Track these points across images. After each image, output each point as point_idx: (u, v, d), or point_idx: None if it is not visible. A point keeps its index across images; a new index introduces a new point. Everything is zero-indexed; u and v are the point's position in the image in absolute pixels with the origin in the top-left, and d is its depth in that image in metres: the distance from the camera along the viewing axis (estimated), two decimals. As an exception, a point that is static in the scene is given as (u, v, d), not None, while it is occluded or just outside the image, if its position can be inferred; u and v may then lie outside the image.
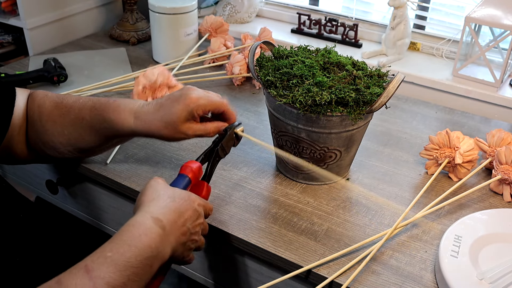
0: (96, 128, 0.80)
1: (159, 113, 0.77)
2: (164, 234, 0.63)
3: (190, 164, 0.75)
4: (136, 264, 0.59)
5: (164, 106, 0.77)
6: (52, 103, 0.82)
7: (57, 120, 0.81)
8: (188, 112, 0.76)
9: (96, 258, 0.59)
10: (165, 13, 1.25)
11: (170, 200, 0.67)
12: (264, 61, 0.87)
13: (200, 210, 0.71)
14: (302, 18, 1.45)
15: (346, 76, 0.82)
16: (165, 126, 0.77)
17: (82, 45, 1.45)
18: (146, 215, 0.64)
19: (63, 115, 0.81)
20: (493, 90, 1.18)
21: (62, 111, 0.81)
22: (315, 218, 0.82)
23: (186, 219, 0.67)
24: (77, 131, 0.81)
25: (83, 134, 0.81)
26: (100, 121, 0.79)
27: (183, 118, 0.76)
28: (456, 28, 1.30)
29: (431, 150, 0.92)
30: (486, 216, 0.80)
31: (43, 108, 0.82)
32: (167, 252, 0.64)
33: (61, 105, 0.82)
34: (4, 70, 1.27)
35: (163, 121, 0.77)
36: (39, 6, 1.36)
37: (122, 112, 0.78)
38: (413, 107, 1.17)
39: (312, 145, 0.83)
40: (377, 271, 0.73)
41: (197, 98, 0.77)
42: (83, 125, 0.80)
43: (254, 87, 1.23)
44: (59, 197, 1.10)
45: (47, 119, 0.81)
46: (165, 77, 1.00)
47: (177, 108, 0.76)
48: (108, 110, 0.79)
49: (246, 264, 0.84)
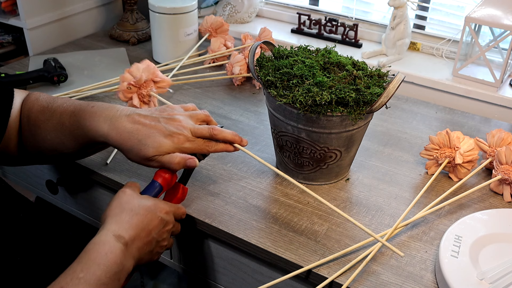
0: (73, 134, 0.78)
1: (138, 136, 0.74)
2: (126, 249, 0.67)
3: (162, 172, 0.76)
4: (106, 280, 0.64)
5: (147, 134, 0.74)
6: (39, 107, 0.81)
7: (41, 125, 0.79)
8: (168, 151, 0.74)
9: (70, 279, 0.62)
10: (165, 13, 1.25)
11: (133, 214, 0.69)
12: (264, 61, 0.87)
13: (168, 218, 0.73)
14: (302, 18, 1.45)
15: (346, 76, 0.82)
16: (138, 154, 0.74)
17: (82, 45, 1.45)
18: (109, 233, 0.67)
19: (47, 120, 0.79)
20: (493, 90, 1.18)
21: (46, 116, 0.79)
22: (315, 218, 0.82)
23: (151, 230, 0.70)
24: (58, 136, 0.79)
25: (63, 140, 0.79)
26: (77, 127, 0.77)
27: (161, 153, 0.74)
28: (456, 28, 1.30)
29: (431, 150, 0.92)
30: (486, 216, 0.80)
31: (31, 112, 0.81)
32: (131, 264, 0.68)
33: (46, 110, 0.80)
34: (4, 70, 1.27)
35: (139, 145, 0.74)
36: (39, 6, 1.36)
37: (98, 117, 0.75)
38: (413, 107, 1.17)
39: (312, 145, 0.83)
40: (377, 271, 0.73)
41: (185, 140, 0.75)
42: (63, 131, 0.78)
43: (254, 87, 1.23)
44: (59, 197, 1.10)
45: (33, 123, 0.80)
46: (150, 73, 1.00)
47: (161, 143, 0.73)
48: (85, 115, 0.76)
49: (246, 264, 0.84)
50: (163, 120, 0.76)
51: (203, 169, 0.93)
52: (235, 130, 1.04)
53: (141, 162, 0.75)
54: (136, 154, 0.74)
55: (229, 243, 0.81)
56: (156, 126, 0.75)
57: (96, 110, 0.76)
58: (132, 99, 0.99)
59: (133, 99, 0.99)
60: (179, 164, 0.74)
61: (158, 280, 1.35)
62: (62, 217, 1.19)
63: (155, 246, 0.72)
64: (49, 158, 0.85)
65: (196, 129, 0.77)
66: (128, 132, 0.74)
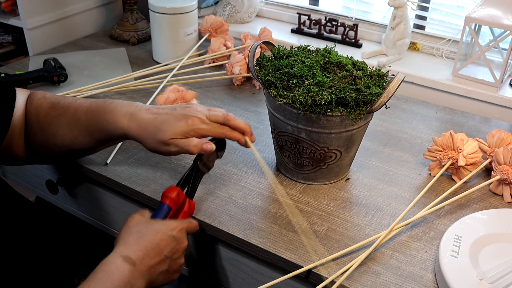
0: (90, 129, 0.79)
1: (155, 123, 0.76)
2: (134, 269, 0.69)
3: (168, 192, 0.77)
4: None
5: (163, 120, 0.76)
6: (49, 104, 0.82)
7: (53, 121, 0.81)
8: (184, 133, 0.76)
9: None
10: (165, 13, 1.25)
11: (140, 236, 0.71)
12: (264, 61, 0.87)
13: (180, 235, 0.75)
14: (302, 18, 1.45)
15: (346, 76, 0.82)
16: (155, 139, 0.76)
17: (82, 45, 1.45)
18: (116, 255, 0.69)
19: (59, 116, 0.80)
20: (493, 90, 1.18)
21: (58, 112, 0.81)
22: (315, 218, 0.82)
23: (162, 249, 0.72)
24: (71, 132, 0.80)
25: (77, 135, 0.80)
26: (95, 122, 0.79)
27: (177, 135, 0.76)
28: (456, 28, 1.30)
29: (434, 152, 0.92)
30: (486, 216, 0.80)
31: (40, 109, 0.81)
32: (142, 284, 0.70)
33: (58, 106, 0.81)
34: (4, 70, 1.27)
35: (156, 131, 0.76)
36: (39, 6, 1.36)
37: (118, 112, 0.78)
38: (413, 107, 1.17)
39: (312, 145, 0.83)
40: (377, 271, 0.73)
41: (200, 122, 0.77)
42: (78, 126, 0.80)
43: (254, 87, 1.23)
44: (59, 197, 1.10)
45: (43, 120, 0.81)
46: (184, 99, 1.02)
47: (176, 126, 0.75)
48: (104, 111, 0.78)
49: (246, 264, 0.84)
50: (179, 108, 0.78)
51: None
52: (235, 130, 1.05)
53: (159, 148, 0.77)
54: (154, 140, 0.76)
55: (229, 243, 0.81)
56: (171, 113, 0.77)
57: (116, 105, 0.79)
58: None
59: None
60: (196, 147, 0.76)
61: (158, 280, 1.35)
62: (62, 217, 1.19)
63: (171, 265, 0.73)
64: (57, 155, 0.85)
65: (210, 114, 0.78)
66: (146, 122, 0.76)
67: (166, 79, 1.17)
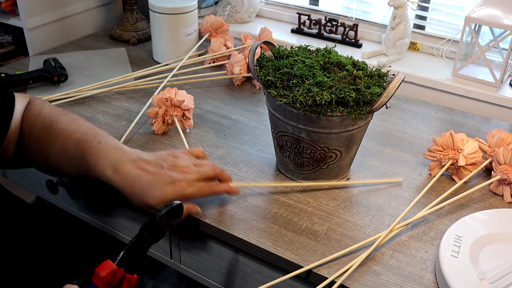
0: (76, 164, 0.77)
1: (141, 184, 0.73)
2: None
3: (100, 271, 0.63)
4: None
5: (150, 182, 0.73)
6: (42, 124, 0.78)
7: (43, 145, 0.78)
8: (171, 199, 0.72)
9: None
10: (165, 13, 1.25)
11: None
12: (264, 61, 0.87)
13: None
14: (302, 18, 1.45)
15: (346, 76, 0.82)
16: (141, 201, 0.73)
17: (82, 45, 1.45)
18: None
19: (50, 142, 0.77)
20: (493, 90, 1.18)
21: (50, 136, 0.77)
22: (315, 218, 0.82)
23: None
24: (59, 161, 0.78)
25: (64, 165, 0.78)
26: (81, 159, 0.76)
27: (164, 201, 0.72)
28: (456, 28, 1.30)
29: (434, 152, 0.92)
30: (486, 216, 0.80)
31: (33, 128, 0.79)
32: None
33: (50, 130, 0.78)
34: (4, 70, 1.27)
35: (142, 193, 0.73)
36: (39, 6, 1.36)
37: (103, 159, 0.74)
38: (413, 107, 1.17)
39: (312, 145, 0.83)
40: (377, 271, 0.73)
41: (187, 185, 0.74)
42: (66, 158, 0.77)
43: (254, 87, 1.23)
44: (59, 197, 1.10)
45: (34, 140, 0.78)
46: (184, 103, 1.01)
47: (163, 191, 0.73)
48: (90, 151, 0.75)
49: (246, 264, 0.84)
50: (166, 167, 0.75)
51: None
52: (235, 130, 1.05)
53: (143, 208, 0.74)
54: (139, 201, 0.74)
55: (229, 243, 0.81)
56: (159, 173, 0.74)
57: (102, 148, 0.75)
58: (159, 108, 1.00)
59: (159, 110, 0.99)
60: (183, 214, 0.73)
61: (158, 280, 1.35)
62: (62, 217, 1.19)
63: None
64: (51, 172, 0.83)
65: (201, 172, 0.77)
66: (131, 178, 0.73)
67: (166, 79, 1.17)
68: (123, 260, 0.65)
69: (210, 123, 1.07)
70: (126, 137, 1.00)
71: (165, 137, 1.02)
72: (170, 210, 0.69)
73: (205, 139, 1.01)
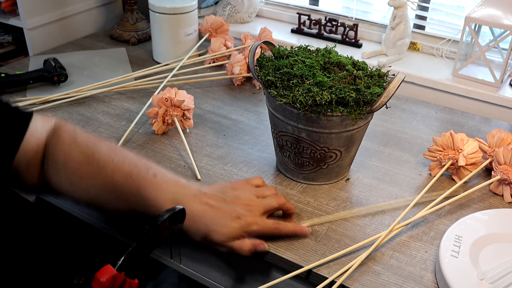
0: (127, 199, 0.71)
1: (204, 219, 0.70)
2: None
3: (100, 276, 0.61)
4: None
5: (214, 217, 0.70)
6: (81, 155, 0.72)
7: (85, 177, 0.72)
8: (237, 236, 0.71)
9: None
10: (165, 13, 1.25)
11: None
12: (264, 61, 0.87)
13: None
14: (302, 18, 1.45)
15: (346, 76, 0.82)
16: (206, 238, 0.71)
17: (82, 45, 1.45)
18: None
19: (94, 174, 0.71)
20: (493, 90, 1.18)
21: (93, 168, 0.71)
22: (315, 218, 0.82)
23: None
24: (106, 196, 0.72)
25: (111, 200, 0.72)
26: (134, 195, 0.70)
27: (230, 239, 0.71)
28: (456, 28, 1.30)
29: (434, 152, 0.92)
30: (486, 216, 0.80)
31: (70, 157, 0.72)
32: None
33: (92, 161, 0.72)
34: (4, 70, 1.27)
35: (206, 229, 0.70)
36: (39, 6, 1.36)
37: (163, 193, 0.70)
38: (413, 107, 1.17)
39: (312, 145, 0.83)
40: (377, 271, 0.73)
41: (253, 222, 0.72)
42: (115, 192, 0.71)
43: (254, 87, 1.23)
44: (59, 197, 1.10)
45: (73, 172, 0.72)
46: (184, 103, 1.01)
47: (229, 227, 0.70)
48: (146, 185, 0.70)
49: (246, 264, 0.84)
50: (229, 200, 0.73)
51: (203, 169, 0.93)
52: (235, 130, 1.05)
53: (207, 243, 0.72)
54: (203, 238, 0.71)
55: (229, 243, 0.81)
56: (223, 208, 0.71)
57: (160, 183, 0.71)
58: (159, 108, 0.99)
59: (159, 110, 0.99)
60: (250, 251, 0.72)
61: (158, 280, 1.35)
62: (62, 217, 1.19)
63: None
64: (91, 206, 0.78)
65: (265, 206, 0.74)
66: (195, 214, 0.70)
67: (166, 79, 1.17)
68: (123, 265, 0.64)
69: (210, 123, 1.07)
70: (126, 137, 1.00)
71: (165, 137, 1.02)
72: (172, 215, 0.66)
73: (205, 139, 1.01)
